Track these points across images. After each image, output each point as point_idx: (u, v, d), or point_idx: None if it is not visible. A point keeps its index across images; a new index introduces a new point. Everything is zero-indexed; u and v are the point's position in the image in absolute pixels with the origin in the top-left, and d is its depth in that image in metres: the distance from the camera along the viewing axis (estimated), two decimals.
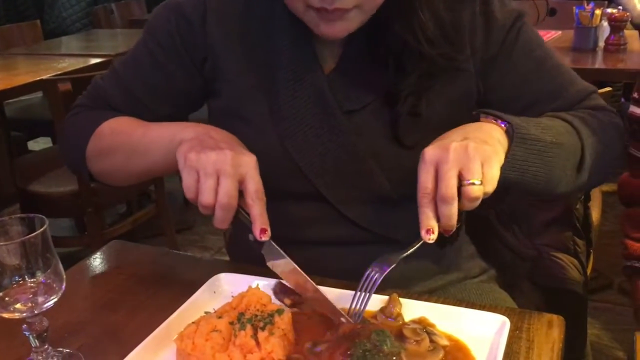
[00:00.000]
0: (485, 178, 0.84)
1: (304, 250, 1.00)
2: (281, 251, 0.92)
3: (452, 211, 0.84)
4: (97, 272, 1.14)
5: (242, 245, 1.21)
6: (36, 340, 0.85)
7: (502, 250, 1.38)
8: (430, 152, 0.87)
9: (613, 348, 2.39)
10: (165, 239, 2.96)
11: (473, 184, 0.83)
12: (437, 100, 1.05)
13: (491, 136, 0.90)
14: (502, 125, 0.94)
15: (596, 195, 1.62)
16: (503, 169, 0.88)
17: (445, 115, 1.06)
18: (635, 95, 1.12)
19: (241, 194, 0.90)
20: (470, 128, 0.92)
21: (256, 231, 0.89)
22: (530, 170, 0.93)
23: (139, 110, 1.13)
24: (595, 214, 1.60)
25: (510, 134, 0.93)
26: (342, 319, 0.88)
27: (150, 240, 3.24)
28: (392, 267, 0.88)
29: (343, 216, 1.09)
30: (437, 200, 0.85)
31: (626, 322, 2.50)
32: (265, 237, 0.89)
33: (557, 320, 0.92)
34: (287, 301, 0.94)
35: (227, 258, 1.32)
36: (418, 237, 0.86)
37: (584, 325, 1.47)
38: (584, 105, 1.09)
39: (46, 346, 0.86)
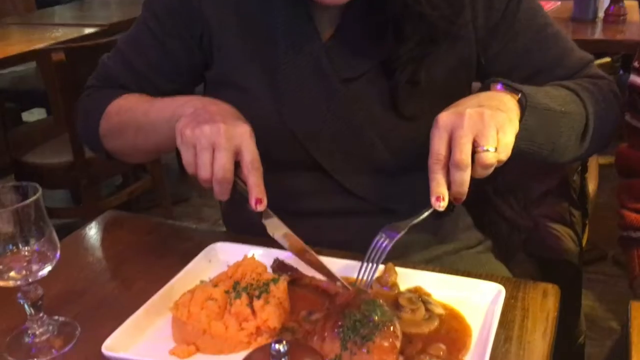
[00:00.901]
0: (499, 145, 0.83)
1: (302, 222, 0.99)
2: (279, 220, 0.92)
3: (464, 178, 0.83)
4: (93, 242, 1.14)
5: (237, 216, 1.22)
6: (31, 309, 0.85)
7: (498, 221, 1.39)
8: (445, 118, 0.85)
9: (607, 319, 2.41)
10: (161, 211, 2.96)
11: (487, 150, 0.82)
12: (436, 68, 1.04)
13: (505, 104, 0.88)
14: (514, 93, 0.93)
15: (593, 166, 1.61)
16: (516, 137, 0.87)
17: (444, 84, 1.05)
18: (636, 64, 1.10)
19: (238, 164, 0.89)
20: (484, 96, 0.90)
21: (251, 201, 0.89)
22: (538, 139, 0.93)
23: (146, 87, 1.13)
24: (591, 186, 1.60)
25: (522, 103, 0.92)
26: (339, 284, 0.87)
27: (146, 212, 3.24)
28: (402, 234, 0.87)
29: (341, 187, 1.08)
30: (449, 166, 0.83)
31: (620, 293, 2.52)
32: (260, 207, 0.89)
33: (552, 290, 0.92)
34: (285, 277, 0.94)
35: (224, 223, 1.31)
36: (428, 204, 0.85)
37: (578, 295, 1.47)
38: (584, 73, 1.08)
39: (41, 314, 0.86)
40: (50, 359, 0.83)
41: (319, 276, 0.93)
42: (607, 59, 1.55)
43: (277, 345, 0.56)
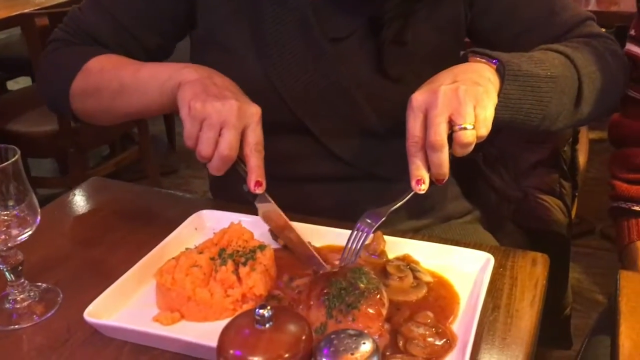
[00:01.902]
0: (478, 121, 0.80)
1: (289, 187, 0.98)
2: (274, 204, 0.90)
3: (441, 159, 0.80)
4: (76, 208, 1.11)
5: (225, 187, 1.20)
6: (11, 275, 0.83)
7: (487, 191, 1.37)
8: (418, 98, 0.82)
9: (593, 291, 2.43)
10: (149, 182, 2.93)
11: (465, 128, 0.79)
12: (423, 27, 1.02)
13: (482, 76, 0.85)
14: (493, 63, 0.90)
15: (584, 138, 1.60)
16: (496, 109, 0.84)
17: (432, 44, 1.03)
18: (632, 32, 1.08)
19: (240, 143, 0.87)
20: (459, 69, 0.87)
21: (251, 183, 0.86)
22: (524, 107, 0.90)
23: (125, 41, 1.08)
24: (582, 158, 1.59)
25: (501, 72, 0.89)
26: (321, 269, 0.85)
27: (134, 183, 3.20)
28: (382, 220, 0.84)
29: (328, 151, 1.06)
30: (426, 147, 0.81)
31: (606, 266, 2.54)
32: (259, 190, 0.87)
33: (541, 259, 0.91)
34: (281, 241, 0.93)
35: (211, 192, 1.29)
36: (408, 187, 0.83)
37: (566, 267, 1.47)
38: (578, 32, 1.04)
39: (22, 280, 0.85)
40: (31, 325, 0.82)
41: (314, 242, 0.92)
42: (602, 30, 1.53)
43: (261, 310, 0.54)
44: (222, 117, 0.84)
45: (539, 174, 1.41)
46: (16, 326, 0.81)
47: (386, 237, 0.91)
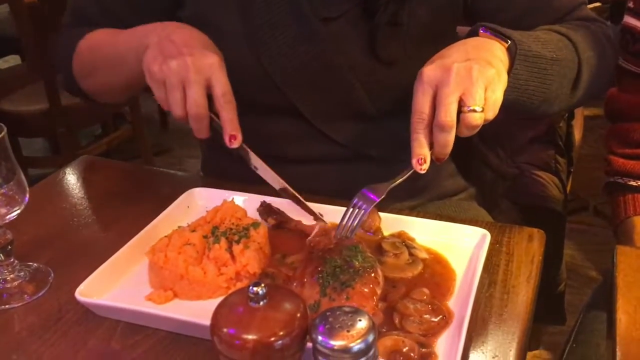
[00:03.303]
0: (487, 104, 0.77)
1: (281, 169, 0.96)
2: (254, 154, 0.89)
3: (448, 139, 0.77)
4: (67, 187, 1.10)
5: (216, 164, 1.18)
6: (0, 254, 0.81)
7: (482, 168, 1.36)
8: (430, 73, 0.79)
9: (586, 267, 2.44)
10: (142, 162, 2.91)
11: (474, 110, 0.76)
12: (420, 7, 0.99)
13: (494, 55, 0.83)
14: (504, 41, 0.87)
15: (579, 114, 1.59)
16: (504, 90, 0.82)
17: (427, 25, 1.00)
18: (630, 4, 1.06)
19: (211, 98, 0.84)
20: (471, 45, 0.84)
21: (225, 137, 0.84)
22: (529, 89, 0.88)
23: (114, 23, 1.06)
24: (577, 134, 1.58)
25: (512, 51, 0.86)
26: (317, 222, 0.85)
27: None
28: (381, 199, 0.82)
29: (320, 132, 1.05)
30: (433, 126, 0.78)
31: (600, 243, 2.55)
32: (235, 144, 0.85)
33: (537, 234, 0.90)
34: (271, 221, 0.92)
35: (202, 170, 1.28)
36: (408, 165, 0.80)
37: (560, 243, 1.47)
38: (575, 15, 1.03)
39: (12, 259, 0.83)
40: (22, 305, 0.81)
41: (305, 220, 0.91)
42: (598, 4, 1.51)
43: (255, 288, 0.53)
44: (180, 76, 0.82)
45: (534, 150, 1.40)
46: (6, 306, 0.80)
47: (381, 214, 0.90)
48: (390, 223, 0.90)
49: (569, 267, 2.29)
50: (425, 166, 0.80)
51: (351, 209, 0.82)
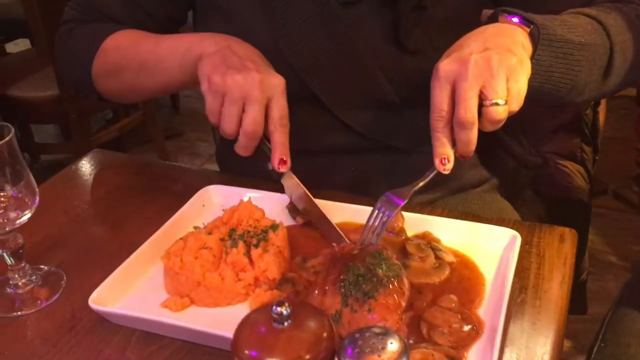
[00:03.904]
0: (510, 95, 0.73)
1: (300, 159, 0.93)
2: (299, 183, 0.87)
3: (470, 137, 0.73)
4: (78, 183, 1.07)
5: (231, 154, 1.15)
6: (11, 258, 0.79)
7: (505, 158, 1.32)
8: (446, 67, 0.74)
9: (606, 253, 2.40)
10: (153, 146, 2.88)
11: (496, 104, 0.72)
12: None
13: (515, 42, 0.77)
14: (526, 26, 0.82)
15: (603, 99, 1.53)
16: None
17: (453, 10, 0.96)
18: None
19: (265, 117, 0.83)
20: (490, 32, 0.79)
21: (275, 161, 0.83)
22: (554, 76, 0.82)
23: (136, 14, 1.03)
24: (601, 118, 1.53)
25: (535, 36, 0.81)
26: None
27: (138, 147, 3.16)
28: (405, 202, 0.78)
29: (340, 122, 1.01)
30: (453, 124, 0.74)
31: (620, 228, 2.51)
32: (284, 169, 0.83)
33: (569, 234, 0.86)
34: (300, 220, 0.89)
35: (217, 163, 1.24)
36: (431, 166, 0.76)
37: (585, 234, 1.42)
38: None
39: (23, 264, 0.81)
40: (35, 312, 0.78)
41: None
42: None
43: (279, 308, 0.50)
44: (244, 91, 0.80)
45: (559, 139, 1.35)
46: (19, 313, 0.78)
47: (405, 214, 0.86)
48: (414, 223, 0.86)
49: (588, 253, 2.26)
50: (449, 166, 0.76)
51: (375, 213, 0.78)
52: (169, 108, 3.53)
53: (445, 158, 0.76)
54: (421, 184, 0.79)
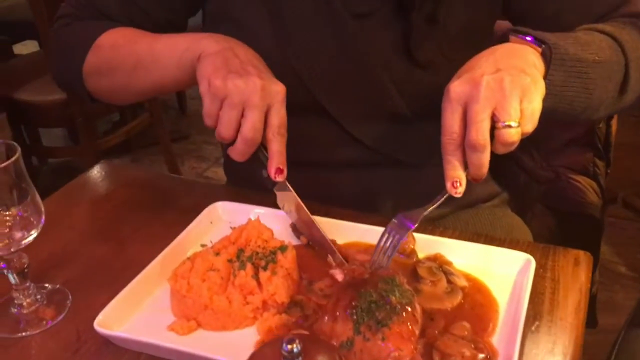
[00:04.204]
0: (524, 116, 0.71)
1: (306, 172, 0.92)
2: (294, 193, 0.84)
3: (482, 160, 0.71)
4: (84, 198, 1.05)
5: (239, 165, 1.13)
6: (15, 278, 0.78)
7: (516, 172, 1.30)
8: (457, 89, 0.73)
9: (615, 263, 2.37)
10: (160, 149, 2.87)
11: (509, 126, 0.70)
12: (458, 4, 0.93)
13: (527, 62, 0.76)
14: (538, 45, 0.80)
15: None
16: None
17: (465, 23, 0.94)
18: None
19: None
20: (501, 53, 0.77)
21: (271, 169, 0.81)
22: (567, 95, 0.81)
23: (134, 15, 1.01)
24: (614, 129, 1.50)
25: (547, 55, 0.79)
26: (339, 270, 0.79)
27: (145, 150, 3.15)
28: (416, 225, 0.77)
29: (349, 135, 1.00)
30: (465, 147, 0.72)
31: (629, 237, 2.48)
32: (280, 178, 0.81)
33: (584, 257, 0.84)
34: (304, 239, 0.87)
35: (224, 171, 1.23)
36: (443, 189, 0.75)
37: (597, 249, 1.40)
38: (621, 12, 0.95)
39: (28, 283, 0.79)
40: (39, 332, 0.77)
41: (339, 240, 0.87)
42: None
43: (289, 346, 0.49)
44: (244, 96, 0.78)
45: (571, 153, 1.33)
46: (24, 333, 0.77)
47: (415, 235, 0.85)
48: (425, 244, 0.84)
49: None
50: (461, 189, 0.75)
51: (386, 236, 0.77)
52: (176, 110, 3.53)
53: (457, 181, 0.74)
54: (433, 207, 0.77)
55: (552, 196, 1.32)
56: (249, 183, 0.99)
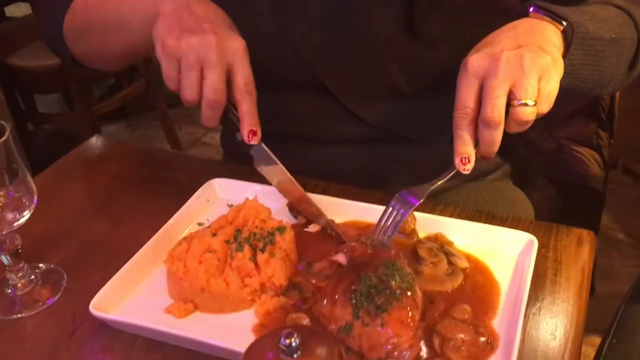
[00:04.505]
0: (541, 96, 0.69)
1: (307, 149, 0.89)
2: (272, 155, 0.81)
3: (495, 137, 0.70)
4: (78, 174, 1.03)
5: (235, 141, 1.11)
6: (9, 259, 0.76)
7: (518, 143, 1.28)
8: (476, 62, 0.70)
9: (614, 229, 2.37)
10: (156, 114, 2.84)
11: (526, 104, 0.68)
12: None
13: (548, 40, 0.73)
14: (560, 23, 0.77)
15: None
16: None
17: None
18: None
19: (228, 84, 0.76)
20: (522, 29, 0.75)
21: (244, 132, 0.77)
22: (583, 74, 0.78)
23: None
24: (617, 97, 1.48)
25: (568, 34, 0.77)
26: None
27: (142, 115, 3.12)
28: (420, 201, 0.75)
29: (348, 111, 0.97)
30: (478, 122, 0.70)
31: (629, 203, 2.47)
32: (254, 141, 0.78)
33: (587, 236, 0.83)
34: (301, 219, 0.85)
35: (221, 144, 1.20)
36: (451, 165, 0.73)
37: (597, 221, 1.39)
38: None
39: (21, 264, 0.78)
40: (35, 314, 0.76)
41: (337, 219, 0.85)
42: None
43: (287, 340, 0.47)
44: (199, 55, 0.73)
45: (575, 124, 1.31)
46: (19, 315, 0.76)
47: (416, 214, 0.83)
48: (426, 223, 0.83)
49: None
50: (470, 166, 0.73)
51: (389, 211, 0.75)
52: None
53: (466, 157, 0.72)
54: (438, 183, 0.75)
55: (554, 168, 1.31)
56: (245, 158, 0.97)
